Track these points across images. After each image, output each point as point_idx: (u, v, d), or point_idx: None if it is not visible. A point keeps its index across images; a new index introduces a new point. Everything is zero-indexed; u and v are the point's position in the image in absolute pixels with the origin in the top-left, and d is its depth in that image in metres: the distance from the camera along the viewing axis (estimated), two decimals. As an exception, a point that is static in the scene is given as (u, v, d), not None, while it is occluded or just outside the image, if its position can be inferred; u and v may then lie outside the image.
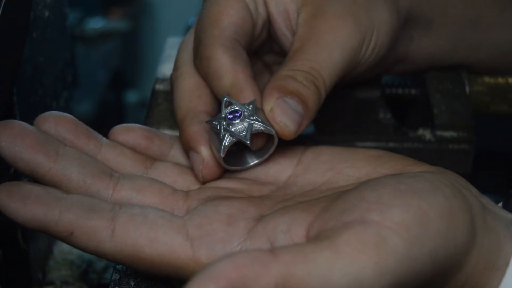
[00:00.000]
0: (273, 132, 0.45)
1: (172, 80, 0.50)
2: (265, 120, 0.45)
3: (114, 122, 0.51)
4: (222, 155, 0.45)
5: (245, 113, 0.44)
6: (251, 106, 0.45)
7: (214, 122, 0.45)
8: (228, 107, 0.45)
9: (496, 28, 0.60)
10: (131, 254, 0.39)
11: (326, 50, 0.47)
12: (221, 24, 0.48)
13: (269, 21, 0.51)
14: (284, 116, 0.44)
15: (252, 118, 0.44)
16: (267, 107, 0.45)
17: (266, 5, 0.50)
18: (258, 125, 0.44)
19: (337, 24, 0.48)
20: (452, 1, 0.58)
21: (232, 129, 0.44)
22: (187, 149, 0.47)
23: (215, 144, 0.45)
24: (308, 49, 0.47)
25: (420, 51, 0.59)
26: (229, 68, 0.46)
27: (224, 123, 0.44)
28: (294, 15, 0.50)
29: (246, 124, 0.44)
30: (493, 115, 0.64)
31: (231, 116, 0.44)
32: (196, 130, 0.46)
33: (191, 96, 0.48)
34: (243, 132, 0.44)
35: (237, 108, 0.45)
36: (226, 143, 0.44)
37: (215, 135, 0.45)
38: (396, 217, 0.36)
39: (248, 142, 0.44)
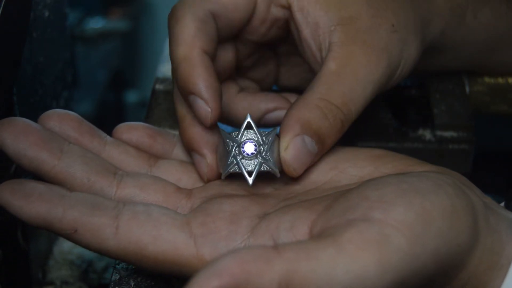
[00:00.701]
0: (278, 175, 0.44)
1: (175, 64, 0.48)
2: (276, 155, 0.44)
3: (114, 122, 0.51)
4: (223, 177, 0.44)
5: (261, 148, 0.44)
6: (270, 138, 0.44)
7: (227, 140, 0.44)
8: (247, 129, 0.44)
9: (509, 48, 0.59)
10: (134, 251, 0.39)
11: (361, 86, 0.46)
12: None
13: (296, 29, 0.49)
14: (296, 161, 0.44)
15: (264, 156, 0.44)
16: (284, 143, 0.44)
17: (290, 11, 0.48)
18: (266, 167, 0.44)
19: (375, 60, 0.47)
20: (477, 29, 0.56)
21: (241, 161, 0.44)
22: (189, 150, 0.47)
23: (221, 154, 0.45)
24: (345, 80, 0.46)
25: (427, 68, 0.58)
26: (188, 39, 0.45)
27: (237, 149, 0.44)
28: (326, 30, 0.48)
29: (256, 161, 0.44)
30: (493, 115, 0.63)
31: (246, 148, 0.44)
32: (197, 132, 0.46)
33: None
34: (250, 166, 0.44)
35: (254, 142, 0.44)
36: (231, 171, 0.44)
37: (224, 147, 0.44)
38: (399, 215, 0.36)
39: (250, 183, 0.43)
